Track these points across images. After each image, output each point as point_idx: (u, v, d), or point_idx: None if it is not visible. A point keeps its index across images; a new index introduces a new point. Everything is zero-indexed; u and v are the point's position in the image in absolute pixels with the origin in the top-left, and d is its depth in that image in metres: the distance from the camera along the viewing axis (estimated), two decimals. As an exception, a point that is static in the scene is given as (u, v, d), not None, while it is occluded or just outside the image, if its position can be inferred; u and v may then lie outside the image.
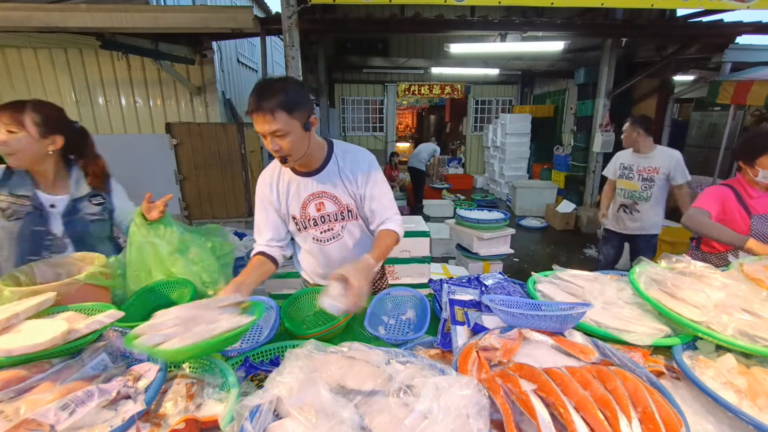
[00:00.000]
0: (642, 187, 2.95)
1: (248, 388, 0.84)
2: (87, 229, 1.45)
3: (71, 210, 1.42)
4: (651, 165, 2.90)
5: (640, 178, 2.95)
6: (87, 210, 1.46)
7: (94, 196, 1.48)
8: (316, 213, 1.39)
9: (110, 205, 1.52)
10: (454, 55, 6.58)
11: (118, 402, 0.71)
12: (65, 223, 1.41)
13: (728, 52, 4.93)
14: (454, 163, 10.46)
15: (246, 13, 3.59)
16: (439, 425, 0.57)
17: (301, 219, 1.40)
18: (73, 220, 1.42)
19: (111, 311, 0.90)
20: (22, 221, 1.36)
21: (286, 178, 1.38)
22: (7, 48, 4.57)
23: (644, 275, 1.08)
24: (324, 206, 1.39)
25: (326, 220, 1.41)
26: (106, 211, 1.51)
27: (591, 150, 5.84)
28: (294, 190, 1.38)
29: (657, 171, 2.88)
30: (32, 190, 1.39)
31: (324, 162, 1.37)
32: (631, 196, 3.00)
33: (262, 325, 1.23)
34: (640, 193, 2.96)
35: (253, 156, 4.43)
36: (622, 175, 3.04)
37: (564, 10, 6.21)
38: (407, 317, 1.30)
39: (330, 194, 1.38)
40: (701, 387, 0.75)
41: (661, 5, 3.36)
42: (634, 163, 2.97)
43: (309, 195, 1.37)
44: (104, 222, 1.51)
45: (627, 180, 3.01)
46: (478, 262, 3.84)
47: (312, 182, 1.37)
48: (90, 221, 1.46)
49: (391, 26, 4.49)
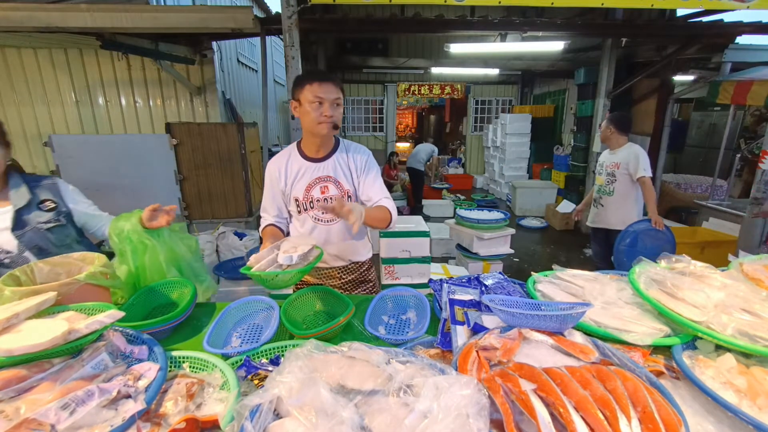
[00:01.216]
0: (606, 181, 3.11)
1: (248, 387, 0.84)
2: (46, 239, 1.34)
3: (18, 222, 1.31)
4: (614, 160, 3.05)
5: (605, 173, 3.13)
6: (38, 219, 1.33)
7: (41, 202, 1.35)
8: (320, 195, 1.54)
9: (64, 207, 1.41)
10: (454, 55, 6.58)
11: (118, 401, 0.71)
12: (18, 237, 1.30)
13: (728, 52, 4.93)
14: (454, 163, 10.45)
15: (246, 13, 3.59)
16: (439, 425, 0.57)
17: (303, 201, 1.54)
18: (25, 233, 1.31)
19: (111, 311, 0.90)
20: None
21: (296, 163, 1.55)
22: (7, 48, 4.57)
23: (644, 275, 1.08)
24: (328, 189, 1.54)
25: (328, 203, 1.53)
26: (62, 215, 1.39)
27: (591, 150, 5.84)
28: (301, 174, 1.54)
29: (618, 166, 3.02)
30: None
31: (332, 151, 1.56)
32: (599, 190, 3.21)
33: (262, 325, 1.23)
34: (604, 187, 3.14)
35: (253, 156, 4.42)
36: (598, 172, 3.25)
37: (564, 10, 6.21)
38: (407, 317, 1.30)
39: (334, 179, 1.54)
40: (701, 387, 0.75)
41: (661, 5, 3.36)
42: (605, 159, 3.15)
43: (315, 179, 1.53)
44: (63, 227, 1.39)
45: (599, 175, 3.23)
46: (478, 262, 3.84)
47: (319, 167, 1.54)
48: (45, 230, 1.34)
49: (391, 26, 4.49)
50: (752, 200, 3.40)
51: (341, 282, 1.70)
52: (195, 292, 1.28)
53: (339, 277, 1.70)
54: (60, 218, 1.39)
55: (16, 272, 1.10)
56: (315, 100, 1.39)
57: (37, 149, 4.95)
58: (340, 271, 1.70)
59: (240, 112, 5.90)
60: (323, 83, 1.38)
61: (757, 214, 3.34)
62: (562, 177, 7.11)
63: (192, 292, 1.27)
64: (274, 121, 8.76)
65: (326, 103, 1.39)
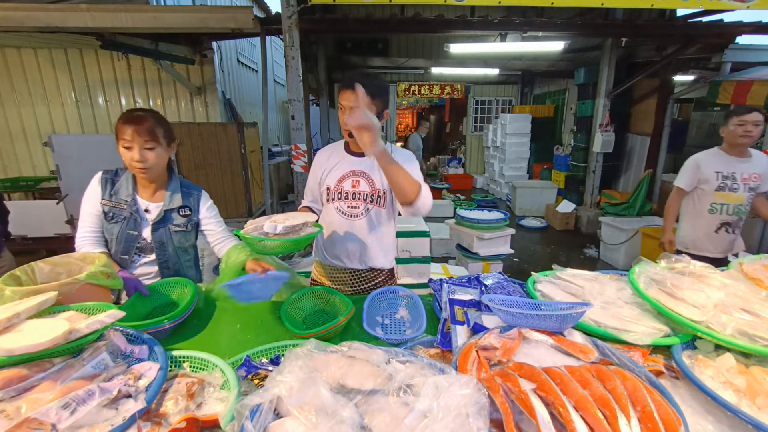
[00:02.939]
0: (747, 199, 2.37)
1: (248, 387, 0.84)
2: (169, 238, 1.52)
3: (161, 219, 1.50)
4: (754, 171, 2.35)
5: (746, 188, 2.35)
6: (174, 221, 1.52)
7: (183, 207, 1.54)
8: (351, 188, 1.56)
9: (195, 217, 1.58)
10: (454, 55, 6.59)
11: (119, 401, 0.71)
12: (153, 230, 1.49)
13: (728, 52, 4.94)
14: (454, 163, 10.45)
15: (246, 13, 3.59)
16: (438, 424, 0.57)
17: (333, 190, 1.57)
18: (159, 228, 1.50)
19: (112, 311, 0.90)
20: (119, 225, 1.46)
21: (338, 155, 1.61)
22: (7, 48, 4.57)
23: (644, 275, 1.08)
24: (359, 184, 1.56)
25: (356, 197, 1.55)
26: (191, 224, 1.57)
27: (591, 150, 5.84)
28: (338, 164, 1.58)
29: (759, 178, 2.35)
30: (132, 195, 1.47)
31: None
32: (737, 211, 2.37)
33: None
34: (743, 207, 2.38)
35: (253, 156, 4.43)
36: (723, 187, 2.37)
37: (564, 10, 6.21)
38: (400, 316, 1.30)
39: (368, 176, 1.55)
40: (700, 386, 0.75)
41: (661, 5, 3.36)
42: (737, 170, 2.35)
43: (350, 171, 1.56)
44: (187, 233, 1.57)
45: (730, 192, 2.36)
46: (478, 262, 3.84)
47: (356, 161, 1.57)
48: (173, 231, 1.53)
49: (391, 26, 4.49)
50: (752, 200, 3.39)
51: (353, 290, 1.64)
52: (195, 292, 1.29)
53: (351, 284, 1.65)
54: (188, 226, 1.57)
55: (16, 272, 1.11)
56: (340, 107, 1.45)
57: (37, 149, 4.95)
58: (353, 277, 1.65)
59: (240, 112, 5.90)
60: (343, 91, 1.42)
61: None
62: (562, 177, 7.11)
63: (192, 292, 1.27)
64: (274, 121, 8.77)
65: (347, 111, 1.41)
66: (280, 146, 7.03)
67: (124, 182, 1.47)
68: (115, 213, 1.45)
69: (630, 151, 6.59)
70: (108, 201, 1.45)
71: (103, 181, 1.46)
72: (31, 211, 3.75)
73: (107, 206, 1.45)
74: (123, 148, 1.37)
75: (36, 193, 4.46)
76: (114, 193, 1.46)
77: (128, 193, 1.46)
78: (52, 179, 4.21)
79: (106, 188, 1.46)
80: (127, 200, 1.45)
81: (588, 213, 5.90)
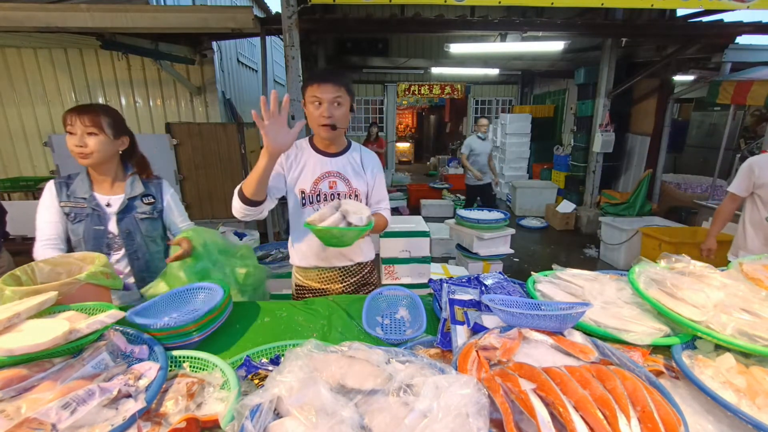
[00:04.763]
0: None
1: (248, 387, 0.84)
2: (136, 227, 1.52)
3: (125, 208, 1.50)
4: None
5: None
6: (138, 209, 1.53)
7: (146, 195, 1.55)
8: (329, 189, 1.54)
9: (159, 204, 1.58)
10: (454, 55, 6.58)
11: (119, 401, 0.71)
12: (118, 221, 1.49)
13: (728, 52, 4.94)
14: (454, 163, 10.44)
15: (246, 13, 3.59)
16: (438, 424, 0.57)
17: (310, 193, 1.52)
18: (124, 218, 1.50)
19: (112, 311, 0.90)
20: (83, 223, 1.46)
21: (305, 154, 1.54)
22: (7, 48, 4.57)
23: (644, 275, 1.08)
24: (336, 185, 1.54)
25: (335, 198, 1.53)
26: (156, 211, 1.57)
27: (591, 150, 5.85)
28: (310, 165, 1.53)
29: None
30: (89, 192, 1.47)
31: (344, 149, 1.59)
32: None
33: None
34: None
35: (253, 156, 4.42)
36: None
37: (564, 10, 6.22)
38: (400, 315, 1.30)
39: (344, 176, 1.55)
40: (700, 386, 0.75)
41: (661, 5, 3.36)
42: None
43: (325, 172, 1.53)
44: (154, 221, 1.57)
45: None
46: (478, 262, 3.84)
47: (331, 162, 1.54)
48: (140, 219, 1.53)
49: (391, 26, 4.49)
50: (752, 200, 3.39)
51: (343, 285, 1.66)
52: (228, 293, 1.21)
53: (341, 281, 1.66)
54: (154, 213, 1.57)
55: (16, 272, 1.11)
56: (314, 101, 1.42)
57: (37, 149, 4.95)
58: (342, 274, 1.66)
59: (240, 112, 5.90)
60: (322, 84, 1.40)
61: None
62: (562, 177, 7.11)
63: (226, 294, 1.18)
64: (274, 121, 8.74)
65: (325, 104, 1.41)
66: (280, 146, 7.01)
67: (79, 182, 1.48)
68: (76, 212, 1.46)
69: (630, 151, 6.59)
70: (67, 202, 1.46)
71: (57, 186, 1.47)
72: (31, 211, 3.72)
73: (67, 207, 1.46)
74: (67, 136, 1.38)
75: (36, 193, 4.46)
76: (71, 194, 1.46)
77: (85, 190, 1.47)
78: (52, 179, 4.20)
79: (61, 192, 1.47)
80: (85, 197, 1.46)
81: (588, 213, 5.90)
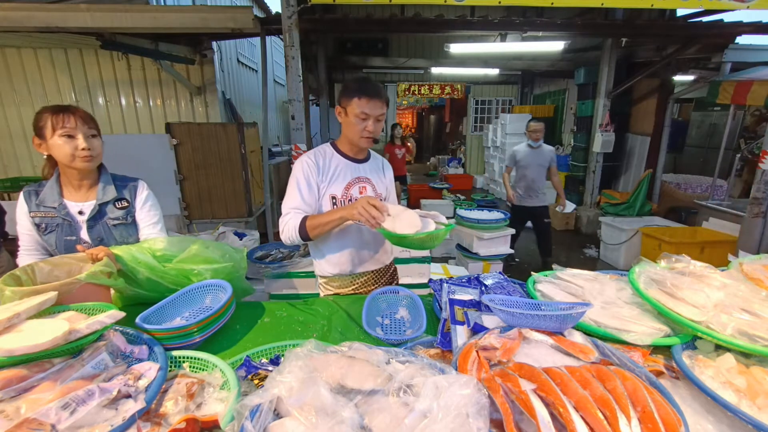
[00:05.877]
0: None
1: (248, 387, 0.84)
2: (108, 233, 1.44)
3: (96, 214, 1.42)
4: None
5: None
6: (110, 215, 1.45)
7: (119, 200, 1.47)
8: (359, 195, 1.55)
9: (132, 208, 1.50)
10: (454, 55, 6.58)
11: (118, 401, 0.71)
12: (89, 228, 1.41)
13: (728, 52, 4.94)
14: (454, 163, 10.45)
15: (246, 13, 3.59)
16: (438, 424, 0.57)
17: (342, 198, 1.53)
18: (95, 225, 1.42)
19: (112, 311, 0.90)
20: (55, 233, 1.38)
21: (334, 160, 1.54)
22: (7, 48, 4.57)
23: (644, 275, 1.08)
24: (366, 190, 1.57)
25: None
26: (130, 215, 1.49)
27: (591, 150, 5.84)
28: (340, 171, 1.53)
29: None
30: (59, 199, 1.39)
31: (367, 156, 1.63)
32: None
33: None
34: None
35: (253, 156, 4.43)
36: None
37: (564, 10, 6.22)
38: (400, 315, 1.29)
39: (372, 181, 1.59)
40: (700, 386, 0.75)
41: (661, 5, 3.36)
42: None
43: (355, 178, 1.55)
44: (128, 226, 1.48)
45: None
46: (478, 262, 3.84)
47: (360, 168, 1.57)
48: (112, 226, 1.45)
49: (391, 26, 4.49)
50: (752, 200, 3.40)
51: (376, 286, 1.65)
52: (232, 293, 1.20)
53: (374, 282, 1.66)
54: (127, 218, 1.49)
55: (16, 272, 1.10)
56: (361, 116, 1.41)
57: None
58: (376, 276, 1.66)
59: (240, 112, 5.90)
60: (372, 99, 1.39)
61: (757, 214, 3.33)
62: (562, 177, 7.09)
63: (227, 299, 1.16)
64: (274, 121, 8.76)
65: (371, 120, 1.41)
66: (280, 146, 7.02)
67: (48, 190, 1.39)
68: (47, 223, 1.37)
69: (630, 151, 6.59)
70: (36, 212, 1.37)
71: (26, 195, 1.38)
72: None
73: (37, 218, 1.37)
74: (62, 139, 1.29)
75: (36, 193, 4.45)
76: (40, 203, 1.37)
77: (54, 198, 1.38)
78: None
79: (31, 201, 1.38)
80: (54, 206, 1.37)
81: (588, 213, 5.90)
